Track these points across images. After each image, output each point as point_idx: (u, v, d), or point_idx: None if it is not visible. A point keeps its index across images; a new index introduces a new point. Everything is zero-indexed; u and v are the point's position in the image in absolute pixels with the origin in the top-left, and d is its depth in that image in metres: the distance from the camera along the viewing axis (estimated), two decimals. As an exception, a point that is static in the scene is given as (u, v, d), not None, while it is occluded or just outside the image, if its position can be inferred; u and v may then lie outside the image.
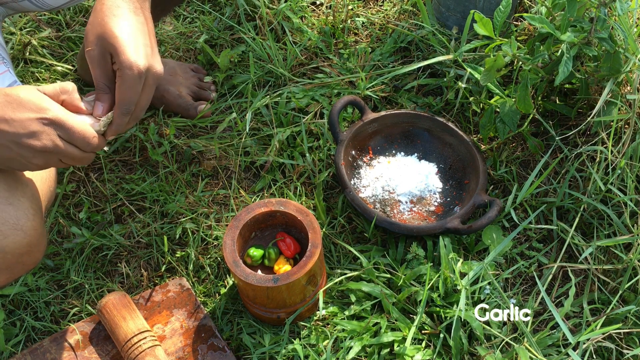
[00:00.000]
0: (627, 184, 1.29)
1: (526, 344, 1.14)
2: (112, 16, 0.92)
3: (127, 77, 0.91)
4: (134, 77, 0.91)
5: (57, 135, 0.87)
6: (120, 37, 0.91)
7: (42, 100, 0.87)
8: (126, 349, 1.17)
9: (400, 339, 1.20)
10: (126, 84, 0.91)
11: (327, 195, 1.44)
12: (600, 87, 1.38)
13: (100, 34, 0.91)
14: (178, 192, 1.45)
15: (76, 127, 0.88)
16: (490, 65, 1.32)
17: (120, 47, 0.90)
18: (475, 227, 1.27)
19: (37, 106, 0.86)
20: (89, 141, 0.89)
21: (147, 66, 0.92)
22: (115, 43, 0.90)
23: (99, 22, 0.92)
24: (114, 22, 0.92)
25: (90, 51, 0.92)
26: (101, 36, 0.91)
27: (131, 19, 0.94)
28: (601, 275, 1.26)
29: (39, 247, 0.96)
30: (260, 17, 1.68)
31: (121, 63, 0.90)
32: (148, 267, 1.36)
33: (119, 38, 0.91)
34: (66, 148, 0.88)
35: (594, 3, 1.24)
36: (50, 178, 1.05)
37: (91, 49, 0.92)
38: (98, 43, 0.91)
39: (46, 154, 0.87)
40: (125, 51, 0.90)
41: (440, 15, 1.65)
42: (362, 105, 1.45)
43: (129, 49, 0.91)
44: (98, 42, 0.91)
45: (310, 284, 1.20)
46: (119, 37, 0.91)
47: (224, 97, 1.61)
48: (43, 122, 0.86)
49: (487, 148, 1.47)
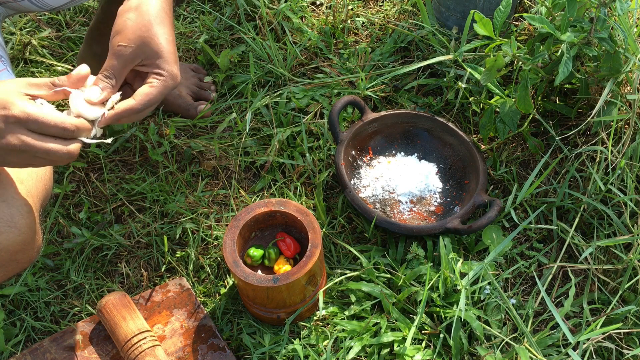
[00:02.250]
0: (627, 184, 1.29)
1: (526, 344, 1.14)
2: (160, 22, 0.95)
3: (168, 85, 0.95)
4: (171, 87, 0.95)
5: (26, 131, 0.84)
6: (166, 49, 0.95)
7: (7, 96, 0.83)
8: (126, 349, 1.17)
9: (400, 339, 1.20)
10: (163, 90, 0.94)
11: (327, 195, 1.44)
12: (600, 87, 1.38)
13: (146, 37, 0.94)
14: (178, 192, 1.45)
15: (47, 117, 0.84)
16: (490, 65, 1.32)
17: (166, 58, 0.95)
18: (475, 227, 1.27)
19: (3, 102, 0.83)
20: (67, 127, 0.86)
21: (180, 80, 0.98)
22: (163, 53, 0.94)
23: (146, 24, 0.94)
24: (160, 30, 0.95)
25: (124, 48, 0.93)
26: (148, 40, 0.94)
27: (170, 29, 0.97)
28: (601, 275, 1.26)
29: (34, 245, 0.96)
30: (260, 17, 1.68)
31: (166, 71, 0.94)
32: (148, 267, 1.36)
33: (166, 50, 0.95)
34: (39, 143, 0.85)
35: (594, 3, 1.24)
36: (46, 176, 1.05)
37: (127, 47, 0.93)
38: (140, 46, 0.93)
39: (17, 152, 0.84)
40: (170, 63, 0.95)
41: (440, 15, 1.65)
42: (362, 105, 1.45)
43: (172, 61, 0.95)
44: (140, 44, 0.93)
45: (310, 284, 1.20)
46: (166, 49, 0.95)
47: (224, 97, 1.61)
48: (7, 120, 0.82)
49: (487, 148, 1.47)
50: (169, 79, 0.95)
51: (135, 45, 0.93)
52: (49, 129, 0.85)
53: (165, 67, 0.94)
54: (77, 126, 0.88)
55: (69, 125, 0.86)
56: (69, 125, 0.86)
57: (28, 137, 0.84)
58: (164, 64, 0.94)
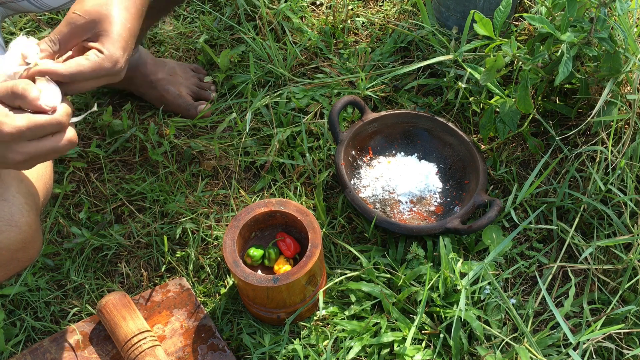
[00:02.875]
0: (627, 184, 1.29)
1: (526, 344, 1.14)
2: (122, 7, 0.90)
3: (104, 66, 0.87)
4: (108, 70, 0.88)
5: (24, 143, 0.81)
6: (118, 30, 0.89)
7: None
8: (126, 349, 1.17)
9: (400, 339, 1.20)
10: (96, 68, 0.87)
11: (327, 195, 1.44)
12: (600, 87, 1.38)
13: (103, 14, 0.88)
14: (178, 192, 1.45)
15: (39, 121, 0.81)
16: (490, 65, 1.32)
17: (115, 38, 0.88)
18: (475, 227, 1.27)
19: None
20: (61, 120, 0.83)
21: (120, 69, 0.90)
22: (111, 32, 0.88)
23: (107, 3, 0.89)
24: (119, 13, 0.90)
25: (77, 17, 0.88)
26: (102, 17, 0.88)
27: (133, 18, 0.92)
28: (601, 275, 1.26)
29: (34, 243, 0.96)
30: (260, 17, 1.68)
31: (108, 51, 0.88)
32: (148, 267, 1.36)
33: (117, 31, 0.89)
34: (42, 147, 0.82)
35: (594, 3, 1.24)
36: (47, 175, 1.05)
37: (81, 17, 0.88)
38: (93, 19, 0.88)
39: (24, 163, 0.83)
40: (118, 45, 0.88)
41: (440, 15, 1.65)
42: (362, 105, 1.45)
43: (121, 45, 0.89)
44: (94, 18, 0.88)
45: (310, 284, 1.20)
46: (117, 31, 0.89)
47: (224, 97, 1.61)
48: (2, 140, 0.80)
49: (487, 148, 1.47)
50: (107, 60, 0.87)
51: (89, 18, 0.88)
52: (45, 130, 0.82)
53: (108, 47, 0.88)
54: (67, 114, 0.84)
55: (62, 118, 0.83)
56: (62, 117, 0.83)
57: (29, 148, 0.82)
58: (108, 43, 0.88)
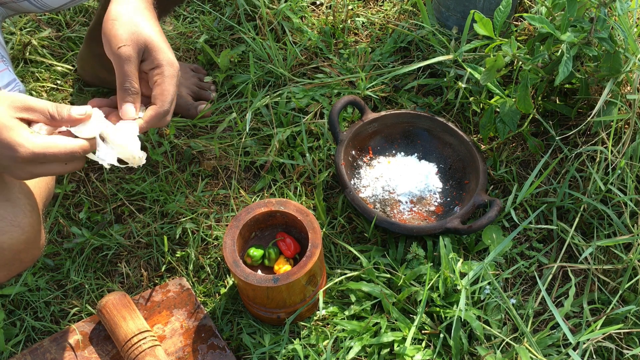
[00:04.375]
0: (627, 184, 1.29)
1: (526, 344, 1.14)
2: (142, 16, 0.95)
3: (171, 73, 0.94)
4: (175, 73, 0.94)
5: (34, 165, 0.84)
6: (157, 36, 0.94)
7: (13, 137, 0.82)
8: (126, 349, 1.17)
9: (400, 339, 1.20)
10: (169, 80, 0.94)
11: (327, 195, 1.44)
12: (600, 87, 1.38)
13: (136, 32, 0.93)
14: (178, 192, 1.45)
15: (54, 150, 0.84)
16: (490, 65, 1.32)
17: (160, 44, 0.94)
18: (475, 227, 1.27)
19: (8, 144, 0.82)
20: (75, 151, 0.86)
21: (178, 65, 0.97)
22: (154, 42, 0.93)
23: (130, 21, 0.93)
24: (145, 23, 0.94)
25: (125, 48, 0.92)
26: (138, 34, 0.93)
27: (155, 21, 0.97)
28: (601, 275, 1.26)
29: (37, 244, 0.96)
30: (260, 17, 1.68)
31: (163, 60, 0.93)
32: (148, 267, 1.36)
33: (157, 38, 0.94)
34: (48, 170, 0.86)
35: (594, 3, 1.24)
36: (49, 176, 1.05)
37: (126, 46, 0.92)
38: (135, 41, 0.92)
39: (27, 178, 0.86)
40: (164, 50, 0.94)
41: (440, 15, 1.65)
42: (362, 105, 1.45)
43: (166, 48, 0.95)
44: (135, 39, 0.92)
45: (310, 284, 1.20)
46: (156, 37, 0.94)
47: (224, 97, 1.61)
48: (15, 161, 0.82)
49: (487, 148, 1.47)
50: (169, 67, 0.94)
51: (132, 42, 0.93)
52: (58, 159, 0.85)
53: (160, 57, 0.94)
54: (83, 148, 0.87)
55: (78, 149, 0.86)
56: (78, 149, 0.86)
57: (38, 170, 0.85)
58: (158, 54, 0.94)
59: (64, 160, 0.86)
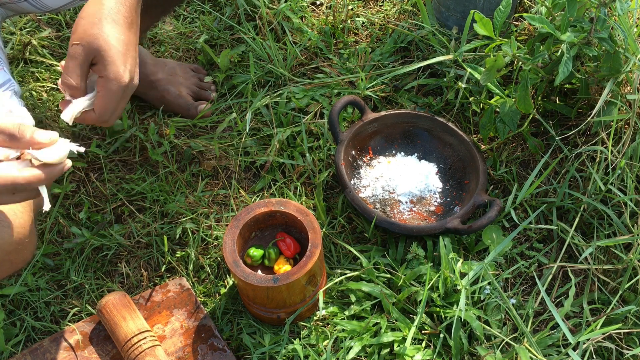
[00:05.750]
0: (627, 184, 1.29)
1: (526, 344, 1.14)
2: (111, 21, 0.93)
3: (112, 89, 0.92)
4: (119, 89, 0.93)
5: None
6: (113, 47, 0.92)
7: None
8: (126, 349, 1.17)
9: (400, 339, 1.20)
10: (110, 94, 0.92)
11: (327, 195, 1.44)
12: (600, 87, 1.38)
13: (94, 35, 0.92)
14: (178, 192, 1.45)
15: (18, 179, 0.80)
16: (490, 65, 1.32)
17: (111, 57, 0.92)
18: (475, 227, 1.27)
19: None
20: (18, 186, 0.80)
21: (130, 80, 0.94)
22: (107, 51, 0.92)
23: (96, 22, 0.92)
24: (109, 29, 0.93)
25: (76, 46, 0.92)
26: (94, 38, 0.92)
27: (125, 29, 0.95)
28: (601, 275, 1.26)
29: (28, 245, 0.95)
30: (260, 17, 1.68)
31: (109, 74, 0.92)
32: (148, 267, 1.36)
33: (113, 48, 0.92)
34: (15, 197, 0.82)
35: (594, 3, 1.24)
36: None
37: (78, 45, 0.92)
38: (88, 43, 0.92)
39: None
40: (116, 63, 0.92)
41: (440, 15, 1.65)
42: (362, 105, 1.45)
43: (119, 61, 0.92)
44: (88, 41, 0.92)
45: (310, 284, 1.20)
46: (113, 47, 0.92)
47: (224, 97, 1.61)
48: None
49: (487, 148, 1.47)
50: (112, 83, 0.92)
51: (86, 43, 0.92)
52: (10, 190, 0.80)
53: (108, 69, 0.92)
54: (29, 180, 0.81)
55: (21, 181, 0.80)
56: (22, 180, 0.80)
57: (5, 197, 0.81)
58: (107, 64, 0.92)
59: (6, 191, 0.80)
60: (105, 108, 0.93)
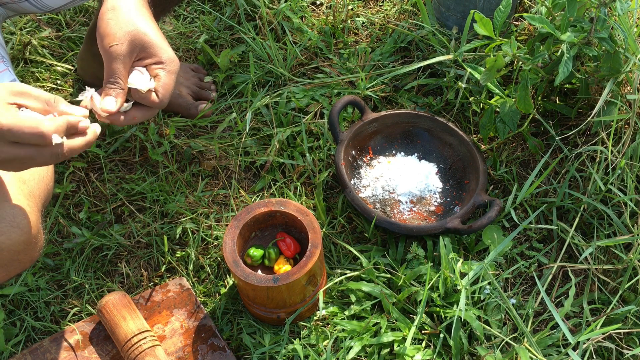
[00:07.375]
0: (627, 184, 1.29)
1: (526, 344, 1.14)
2: (139, 16, 0.96)
3: (172, 69, 0.96)
4: (176, 70, 0.97)
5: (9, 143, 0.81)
6: (156, 36, 0.96)
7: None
8: (126, 349, 1.17)
9: (400, 339, 1.20)
10: (172, 75, 0.96)
11: (327, 195, 1.44)
12: (600, 87, 1.38)
13: (133, 31, 0.94)
14: (178, 192, 1.45)
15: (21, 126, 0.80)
16: (490, 65, 1.32)
17: (159, 45, 0.96)
18: (475, 227, 1.27)
19: None
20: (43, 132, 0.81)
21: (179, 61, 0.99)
22: (153, 41, 0.95)
23: (128, 20, 0.94)
24: (142, 23, 0.96)
25: (117, 47, 0.93)
26: (133, 32, 0.94)
27: (151, 20, 0.98)
28: (601, 275, 1.26)
29: (36, 245, 0.96)
30: (260, 17, 1.68)
31: (164, 56, 0.96)
32: (148, 267, 1.36)
33: (156, 37, 0.96)
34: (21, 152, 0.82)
35: (594, 3, 1.24)
36: (48, 176, 1.05)
37: (119, 44, 0.93)
38: (129, 39, 0.94)
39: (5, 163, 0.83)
40: (164, 47, 0.96)
41: (440, 15, 1.65)
42: (362, 105, 1.45)
43: (166, 45, 0.97)
44: (130, 39, 0.94)
45: (310, 284, 1.20)
46: (156, 36, 0.96)
47: (224, 97, 1.61)
48: None
49: (487, 148, 1.47)
50: (171, 63, 0.96)
51: (126, 41, 0.93)
52: (24, 138, 0.81)
53: (161, 54, 0.96)
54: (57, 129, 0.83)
55: (45, 131, 0.82)
56: (45, 130, 0.82)
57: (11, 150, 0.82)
58: (159, 51, 0.96)
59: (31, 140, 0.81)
60: (169, 89, 0.96)
